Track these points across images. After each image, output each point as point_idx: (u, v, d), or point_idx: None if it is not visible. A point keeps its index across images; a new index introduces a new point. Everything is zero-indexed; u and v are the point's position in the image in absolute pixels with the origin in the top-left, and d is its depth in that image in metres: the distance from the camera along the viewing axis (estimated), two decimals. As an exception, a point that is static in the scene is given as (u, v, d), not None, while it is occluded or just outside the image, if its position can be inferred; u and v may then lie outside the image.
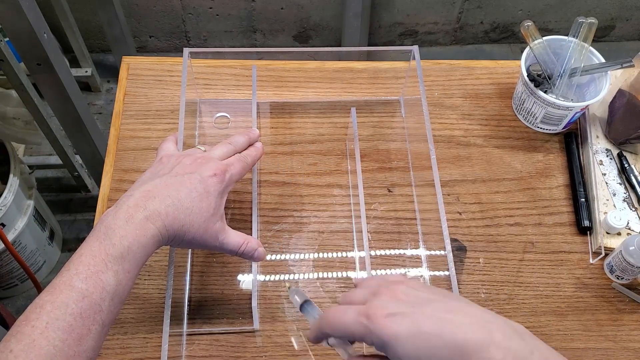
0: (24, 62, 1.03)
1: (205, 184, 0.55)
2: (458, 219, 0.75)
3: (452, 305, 0.42)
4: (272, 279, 0.70)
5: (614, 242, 0.72)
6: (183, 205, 0.53)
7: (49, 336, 0.43)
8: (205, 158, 0.59)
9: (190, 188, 0.54)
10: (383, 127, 0.82)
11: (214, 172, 0.57)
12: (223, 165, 0.58)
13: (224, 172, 0.57)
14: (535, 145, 0.82)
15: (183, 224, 0.53)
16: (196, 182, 0.55)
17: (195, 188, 0.54)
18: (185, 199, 0.53)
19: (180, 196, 0.53)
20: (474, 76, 0.87)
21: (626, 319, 0.70)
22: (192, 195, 0.54)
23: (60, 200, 1.64)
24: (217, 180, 0.56)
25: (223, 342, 0.65)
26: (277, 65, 0.86)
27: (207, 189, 0.55)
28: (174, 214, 0.52)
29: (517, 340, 0.40)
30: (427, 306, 0.41)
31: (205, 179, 0.56)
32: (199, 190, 0.55)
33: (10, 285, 1.42)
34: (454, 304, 0.42)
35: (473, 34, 2.00)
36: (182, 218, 0.52)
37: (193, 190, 0.54)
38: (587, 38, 0.77)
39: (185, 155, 0.59)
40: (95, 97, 1.85)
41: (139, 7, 1.78)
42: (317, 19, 1.85)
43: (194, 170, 0.56)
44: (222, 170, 0.57)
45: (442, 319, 0.40)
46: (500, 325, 0.41)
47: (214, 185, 0.56)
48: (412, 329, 0.40)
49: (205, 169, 0.57)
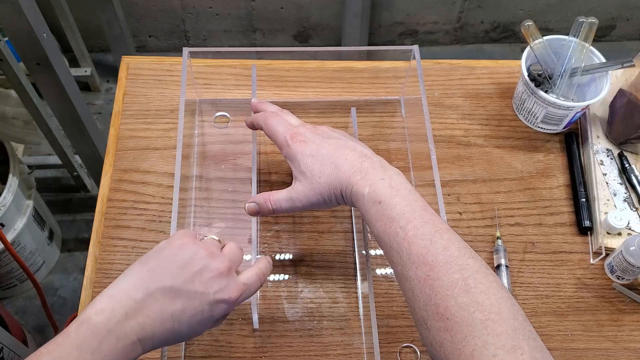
0: (24, 62, 1.02)
1: (213, 311, 0.49)
2: (458, 219, 0.75)
3: (349, 143, 0.58)
4: (272, 279, 0.69)
5: (614, 242, 0.72)
6: (181, 330, 0.48)
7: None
8: (229, 271, 0.51)
9: (196, 310, 0.48)
10: (383, 127, 0.81)
11: (229, 296, 0.50)
12: (241, 286, 0.51)
13: (238, 297, 0.51)
14: (536, 145, 0.81)
15: (170, 343, 0.49)
16: (206, 306, 0.48)
17: (202, 312, 0.48)
18: (186, 322, 0.48)
19: (183, 319, 0.47)
20: (475, 76, 0.87)
21: (627, 319, 0.70)
22: (194, 319, 0.48)
23: (60, 200, 1.63)
24: (226, 307, 0.50)
25: (223, 342, 0.65)
26: (277, 65, 0.86)
27: (212, 314, 0.49)
28: (167, 339, 0.47)
29: (378, 169, 0.54)
30: (331, 140, 0.58)
31: (216, 303, 0.49)
32: (205, 314, 0.49)
33: (9, 286, 1.42)
34: (350, 143, 0.58)
35: (473, 34, 1.99)
36: (172, 341, 0.48)
37: (198, 314, 0.48)
38: (588, 38, 0.77)
39: (207, 258, 0.50)
40: (95, 96, 1.84)
41: (139, 6, 1.77)
42: (317, 18, 1.85)
43: (208, 288, 0.49)
44: (237, 295, 0.51)
45: (336, 149, 0.57)
46: (373, 160, 0.55)
47: (222, 311, 0.50)
48: (314, 151, 0.57)
49: (222, 292, 0.50)
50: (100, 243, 0.70)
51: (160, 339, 0.47)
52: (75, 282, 1.51)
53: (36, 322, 1.44)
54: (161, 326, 0.46)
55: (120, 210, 0.73)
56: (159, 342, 0.47)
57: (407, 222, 0.50)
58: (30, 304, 1.46)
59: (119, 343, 0.44)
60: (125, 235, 0.71)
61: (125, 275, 0.48)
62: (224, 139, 0.79)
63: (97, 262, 0.69)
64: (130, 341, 0.44)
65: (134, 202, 0.73)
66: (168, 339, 0.47)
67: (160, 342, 0.47)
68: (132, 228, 0.72)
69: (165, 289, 0.47)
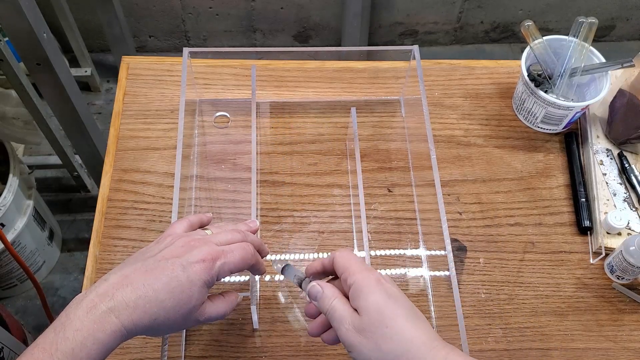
0: (24, 62, 1.02)
1: (189, 272, 0.47)
2: (458, 219, 0.75)
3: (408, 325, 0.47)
4: (272, 279, 0.69)
5: (614, 242, 0.72)
6: (158, 297, 0.46)
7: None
8: (201, 241, 0.51)
9: (170, 276, 0.47)
10: (383, 127, 0.81)
11: (202, 257, 0.48)
12: (217, 251, 0.50)
13: (214, 259, 0.49)
14: (536, 145, 0.81)
15: (156, 317, 0.46)
16: (179, 269, 0.47)
17: (177, 277, 0.47)
18: (162, 289, 0.46)
19: (157, 286, 0.46)
20: (474, 76, 0.87)
21: (626, 319, 0.70)
22: (170, 285, 0.46)
23: (60, 200, 1.63)
24: (203, 267, 0.48)
25: (222, 342, 0.65)
26: (277, 65, 0.86)
27: (190, 277, 0.47)
28: (145, 307, 0.45)
29: None
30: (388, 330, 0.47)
31: (189, 265, 0.48)
32: (181, 279, 0.47)
33: (9, 286, 1.42)
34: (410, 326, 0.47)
35: (473, 34, 1.99)
36: (155, 312, 0.46)
37: (173, 279, 0.47)
38: (588, 38, 0.77)
39: (183, 236, 0.51)
40: (95, 96, 1.84)
41: (139, 6, 1.77)
42: (317, 18, 1.85)
43: (181, 254, 0.49)
44: (213, 256, 0.49)
45: (400, 341, 0.45)
46: None
47: (199, 274, 0.48)
48: (374, 349, 0.46)
49: (194, 254, 0.49)
50: (100, 243, 0.70)
51: (138, 308, 0.45)
52: (75, 282, 1.51)
53: (36, 322, 1.44)
54: (133, 293, 0.45)
55: (120, 210, 0.73)
56: (140, 314, 0.45)
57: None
58: (30, 304, 1.46)
59: (89, 315, 0.44)
60: (126, 235, 0.71)
61: None
62: (224, 139, 0.79)
63: (97, 262, 0.69)
64: (100, 311, 0.44)
65: (134, 202, 0.73)
66: (149, 309, 0.45)
67: (141, 313, 0.45)
68: (132, 228, 0.72)
69: (137, 267, 0.47)
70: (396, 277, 0.71)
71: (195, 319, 0.50)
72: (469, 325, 0.68)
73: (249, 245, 0.53)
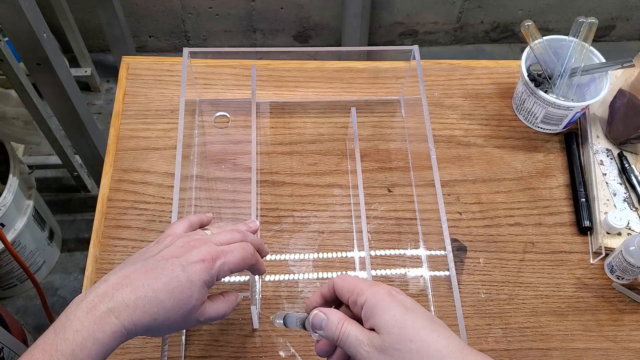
0: (24, 62, 1.03)
1: (189, 272, 0.48)
2: (458, 219, 0.75)
3: None
4: (272, 279, 0.70)
5: (614, 242, 0.72)
6: (158, 297, 0.46)
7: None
8: (201, 241, 0.51)
9: (170, 276, 0.47)
10: (383, 127, 0.81)
11: (202, 257, 0.49)
12: (216, 251, 0.50)
13: (214, 259, 0.49)
14: (536, 145, 0.81)
15: (155, 317, 0.46)
16: (178, 269, 0.47)
17: (177, 277, 0.47)
18: (162, 289, 0.46)
19: (157, 286, 0.46)
20: (474, 76, 0.87)
21: (626, 319, 0.70)
22: (170, 285, 0.47)
23: (60, 200, 1.63)
24: (203, 267, 0.48)
25: (222, 342, 0.65)
26: (277, 65, 0.86)
27: (190, 277, 0.47)
28: (145, 308, 0.45)
29: None
30: None
31: (189, 265, 0.48)
32: (181, 279, 0.47)
33: (9, 286, 1.42)
34: None
35: (473, 34, 1.99)
36: (155, 312, 0.46)
37: (173, 279, 0.47)
38: (588, 38, 0.77)
39: (183, 237, 0.52)
40: (95, 97, 1.84)
41: (139, 6, 1.77)
42: (317, 18, 1.85)
43: (181, 254, 0.49)
44: (213, 256, 0.49)
45: (428, 354, 0.44)
46: None
47: (199, 274, 0.48)
48: None
49: (194, 254, 0.49)
50: (100, 243, 0.70)
51: (138, 308, 0.45)
52: (75, 282, 1.51)
53: (36, 322, 1.44)
54: (133, 293, 0.45)
55: (120, 210, 0.73)
56: (140, 314, 0.45)
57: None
58: (30, 304, 1.46)
59: (88, 316, 0.44)
60: (126, 235, 0.71)
61: None
62: (224, 139, 0.79)
63: (97, 262, 0.69)
64: (100, 312, 0.44)
65: (134, 202, 0.73)
66: (149, 310, 0.45)
67: (140, 314, 0.45)
68: (132, 228, 0.72)
69: (136, 267, 0.47)
70: (396, 277, 0.71)
71: (195, 319, 0.50)
72: (469, 325, 0.68)
73: (249, 245, 0.53)
